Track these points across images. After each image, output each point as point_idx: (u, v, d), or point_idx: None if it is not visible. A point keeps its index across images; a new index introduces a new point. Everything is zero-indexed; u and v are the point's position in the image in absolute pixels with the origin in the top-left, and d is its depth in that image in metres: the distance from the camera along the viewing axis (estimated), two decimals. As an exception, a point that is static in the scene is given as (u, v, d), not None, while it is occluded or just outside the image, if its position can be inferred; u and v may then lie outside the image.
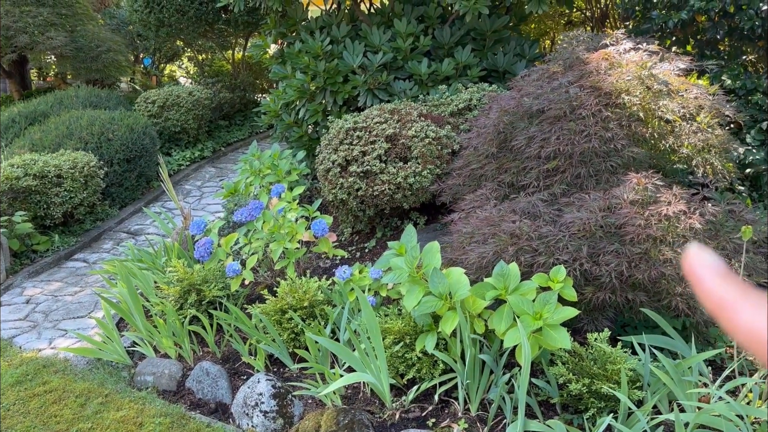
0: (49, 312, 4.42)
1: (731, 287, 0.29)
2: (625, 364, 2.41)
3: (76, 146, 6.12)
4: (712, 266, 0.31)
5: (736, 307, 0.29)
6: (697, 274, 0.31)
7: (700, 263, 0.31)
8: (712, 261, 0.31)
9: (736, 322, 0.29)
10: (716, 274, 0.30)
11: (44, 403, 3.20)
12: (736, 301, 0.29)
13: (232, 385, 3.21)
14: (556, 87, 3.32)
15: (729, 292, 0.29)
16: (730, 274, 0.30)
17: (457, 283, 2.62)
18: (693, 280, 0.31)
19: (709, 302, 0.30)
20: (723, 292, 0.29)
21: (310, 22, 5.70)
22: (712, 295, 0.30)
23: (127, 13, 9.80)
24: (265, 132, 9.62)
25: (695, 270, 0.31)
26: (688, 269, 0.31)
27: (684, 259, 0.32)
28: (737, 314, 0.29)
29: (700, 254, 0.31)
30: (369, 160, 4.12)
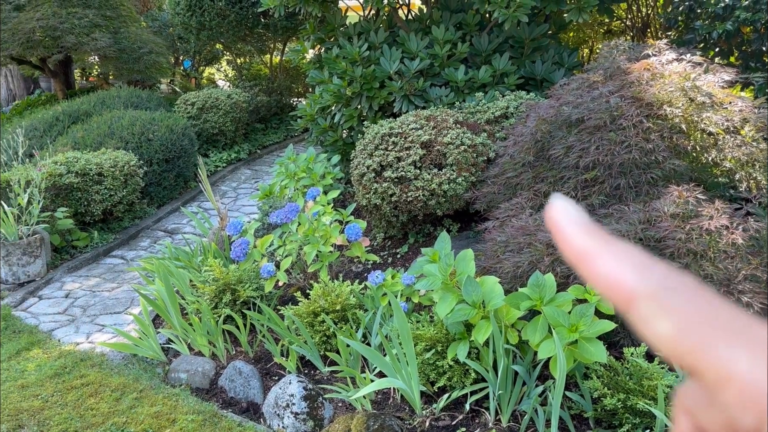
0: (87, 307, 4.52)
1: (592, 238, 0.29)
2: (662, 380, 2.37)
3: (117, 145, 6.27)
4: (575, 218, 0.30)
5: (597, 256, 0.29)
6: (558, 225, 0.30)
7: (563, 215, 0.31)
8: (574, 213, 0.31)
9: (596, 270, 0.28)
10: (578, 225, 0.30)
11: (81, 395, 3.28)
12: (596, 250, 0.29)
13: (263, 385, 3.24)
14: (597, 96, 3.28)
15: (590, 242, 0.29)
16: (592, 226, 0.30)
17: (491, 292, 2.61)
18: (554, 231, 0.31)
19: (569, 252, 0.30)
20: (584, 242, 0.29)
21: (348, 27, 5.74)
22: (573, 245, 0.30)
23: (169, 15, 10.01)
24: (300, 135, 9.71)
25: (557, 221, 0.31)
26: (549, 220, 0.31)
27: (546, 212, 0.32)
28: (597, 262, 0.28)
29: (563, 206, 0.31)
30: (404, 166, 4.13)
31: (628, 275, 0.27)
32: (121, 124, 6.63)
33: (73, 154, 5.68)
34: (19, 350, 3.84)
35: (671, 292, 0.26)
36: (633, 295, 0.27)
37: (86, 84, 12.05)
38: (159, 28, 10.79)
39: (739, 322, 0.25)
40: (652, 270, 0.27)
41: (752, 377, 0.23)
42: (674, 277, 0.27)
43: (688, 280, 0.27)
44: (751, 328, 0.25)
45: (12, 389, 3.37)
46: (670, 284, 0.27)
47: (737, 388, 0.24)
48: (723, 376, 0.24)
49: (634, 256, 0.28)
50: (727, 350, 0.24)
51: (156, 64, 9.45)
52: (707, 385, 0.25)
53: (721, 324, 0.25)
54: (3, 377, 3.51)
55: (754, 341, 0.24)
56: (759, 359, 0.23)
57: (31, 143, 6.72)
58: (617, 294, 0.28)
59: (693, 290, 0.27)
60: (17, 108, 10.38)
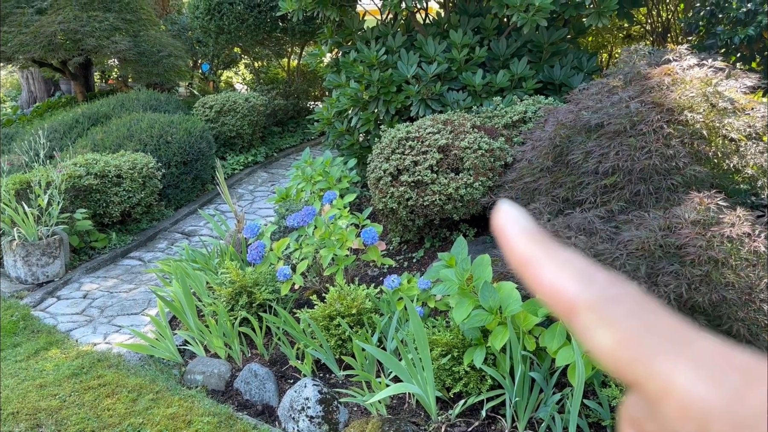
0: (105, 307, 4.56)
1: (537, 245, 0.29)
2: (681, 389, 2.33)
3: (135, 147, 6.32)
4: (521, 224, 0.30)
5: (540, 264, 0.28)
6: (504, 231, 0.30)
7: (509, 220, 0.30)
8: (520, 219, 0.30)
9: (538, 278, 0.28)
10: (524, 232, 0.30)
11: (98, 396, 3.30)
12: (540, 258, 0.29)
13: (279, 388, 3.25)
14: (616, 101, 3.25)
15: (534, 250, 0.29)
16: (539, 233, 0.30)
17: (508, 298, 2.59)
18: (500, 237, 0.30)
19: (514, 258, 0.30)
20: (528, 249, 0.29)
21: (365, 31, 5.75)
22: (517, 252, 0.29)
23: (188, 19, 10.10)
24: (316, 139, 9.73)
25: (503, 227, 0.30)
26: (496, 226, 0.31)
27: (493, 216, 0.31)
28: (539, 270, 0.28)
29: (510, 211, 0.31)
30: (420, 170, 4.12)
31: (570, 284, 0.27)
32: (140, 126, 6.69)
33: (92, 156, 5.74)
34: (38, 350, 3.88)
35: (612, 303, 0.26)
36: (574, 304, 0.27)
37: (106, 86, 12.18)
38: (178, 32, 10.88)
39: (682, 335, 0.25)
40: (594, 279, 0.27)
41: (692, 390, 0.23)
42: (617, 287, 0.27)
43: (631, 290, 0.27)
44: (693, 341, 0.25)
45: (30, 388, 3.40)
46: (611, 294, 0.27)
47: (677, 401, 0.23)
48: (663, 389, 0.24)
49: (577, 264, 0.28)
50: (667, 363, 0.24)
51: (175, 67, 9.53)
52: (648, 398, 0.25)
53: (663, 336, 0.25)
54: (22, 376, 3.55)
55: (696, 354, 0.24)
56: (699, 372, 0.23)
57: (52, 145, 6.80)
58: (559, 303, 0.27)
59: (635, 301, 0.26)
60: (38, 110, 10.52)
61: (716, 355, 0.24)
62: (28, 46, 8.17)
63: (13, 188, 5.03)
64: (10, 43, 8.20)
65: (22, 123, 9.68)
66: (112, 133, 6.64)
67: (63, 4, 8.68)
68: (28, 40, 8.17)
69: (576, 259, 0.28)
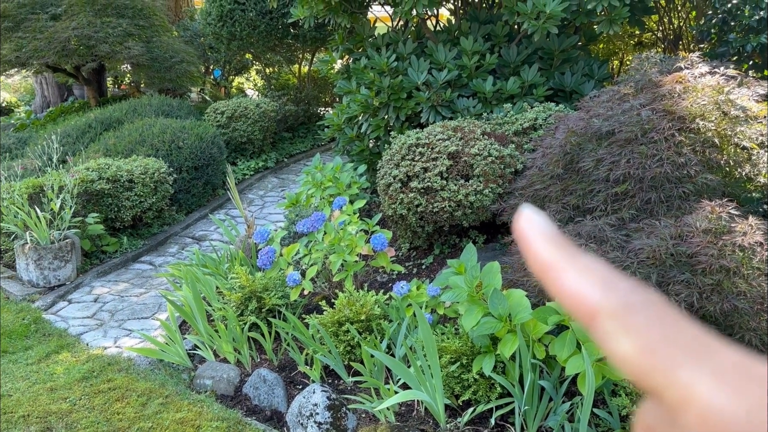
0: (115, 311, 4.58)
1: (559, 251, 0.29)
2: (692, 399, 2.31)
3: (147, 153, 6.37)
4: (542, 229, 0.30)
5: (562, 270, 0.28)
6: (526, 236, 0.30)
7: (531, 225, 0.30)
8: (542, 224, 0.30)
9: (561, 285, 0.28)
10: (545, 237, 0.30)
11: (108, 400, 3.32)
12: (562, 264, 0.28)
13: (287, 394, 3.25)
14: (627, 109, 3.24)
15: (556, 256, 0.29)
16: (560, 238, 0.30)
17: (518, 306, 2.58)
18: (522, 243, 0.30)
19: (536, 265, 0.29)
20: (550, 255, 0.29)
21: (376, 38, 5.77)
22: (539, 257, 0.29)
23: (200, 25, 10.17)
24: (326, 145, 9.76)
25: (525, 231, 0.30)
26: (517, 231, 0.31)
27: (515, 222, 0.31)
28: (561, 276, 0.28)
29: (532, 216, 0.31)
30: (430, 177, 4.12)
31: (592, 291, 0.27)
32: (152, 131, 6.74)
33: (104, 161, 5.79)
34: (49, 353, 3.91)
35: (634, 310, 0.26)
36: (596, 311, 0.27)
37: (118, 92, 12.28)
38: (190, 38, 10.97)
39: (705, 345, 0.25)
40: (616, 286, 0.27)
41: (713, 400, 0.23)
42: (639, 294, 0.27)
43: (654, 298, 0.27)
44: (715, 351, 0.24)
45: (41, 391, 3.42)
46: (633, 302, 0.26)
47: (697, 410, 0.23)
48: (683, 398, 0.24)
49: (600, 271, 0.28)
50: (689, 372, 0.24)
51: (187, 73, 9.60)
52: (668, 406, 0.25)
53: (685, 345, 0.25)
54: (33, 379, 3.57)
55: (718, 364, 0.24)
56: (721, 383, 0.23)
57: (65, 149, 6.86)
58: (580, 309, 0.27)
59: (658, 309, 0.26)
60: (51, 114, 10.62)
61: (738, 366, 0.24)
62: (43, 52, 8.26)
63: (27, 192, 5.07)
64: (24, 49, 8.29)
65: (36, 127, 9.78)
66: (124, 138, 6.69)
67: (77, 10, 8.77)
68: (42, 45, 8.27)
69: (598, 265, 0.28)
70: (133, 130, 6.88)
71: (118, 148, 6.49)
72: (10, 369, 3.72)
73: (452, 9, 6.12)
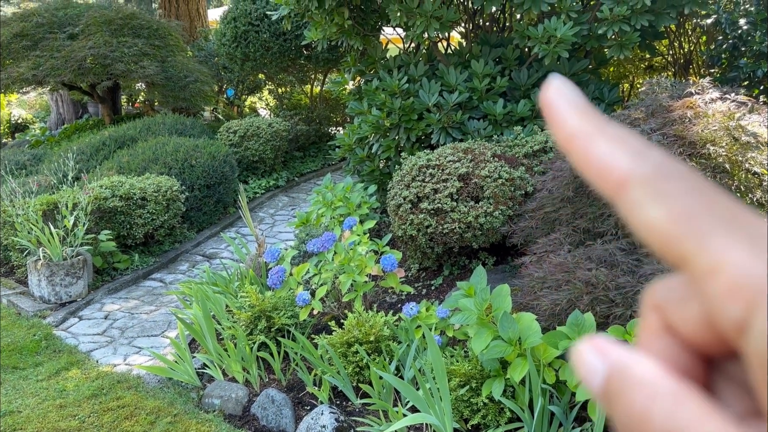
0: (125, 328, 4.61)
1: (588, 120, 0.27)
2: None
3: (160, 171, 6.43)
4: (571, 99, 0.28)
5: (590, 139, 0.27)
6: (552, 105, 0.28)
7: (558, 94, 0.28)
8: (571, 94, 0.28)
9: (588, 153, 0.26)
10: (573, 106, 0.28)
11: (117, 417, 3.32)
12: (591, 133, 0.27)
13: (295, 415, 3.24)
14: (638, 134, 3.25)
15: (584, 124, 0.27)
16: (589, 107, 0.28)
17: (528, 329, 2.58)
18: (547, 111, 0.29)
19: (561, 133, 0.28)
20: (578, 123, 0.27)
21: (388, 60, 5.83)
22: (565, 126, 0.27)
23: (214, 46, 10.31)
24: (337, 164, 9.81)
25: (551, 100, 0.28)
26: (544, 100, 0.29)
27: (542, 92, 0.29)
28: (589, 145, 0.26)
29: (560, 86, 0.29)
30: (440, 198, 4.14)
31: (622, 158, 0.26)
32: (165, 150, 6.81)
33: (118, 179, 5.85)
34: (59, 370, 3.93)
35: (668, 177, 0.25)
36: (626, 178, 0.25)
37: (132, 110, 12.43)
38: (205, 58, 11.11)
39: (739, 214, 0.24)
40: (648, 155, 0.26)
41: (745, 267, 0.22)
42: (672, 164, 0.26)
43: (686, 168, 0.25)
44: (751, 222, 0.23)
45: (50, 408, 3.43)
46: (668, 169, 0.25)
47: (728, 277, 0.22)
48: (714, 265, 0.22)
49: (630, 140, 0.26)
50: (722, 239, 0.23)
51: (201, 92, 9.71)
52: (693, 275, 0.23)
53: (719, 213, 0.23)
54: (42, 396, 3.59)
55: (752, 233, 0.23)
56: (754, 250, 0.22)
57: (79, 166, 6.94)
58: (609, 178, 0.26)
59: (691, 179, 0.25)
60: (66, 131, 10.75)
61: None
62: (59, 70, 8.40)
63: (41, 209, 5.13)
64: (41, 67, 8.43)
65: (51, 144, 9.90)
66: (137, 156, 6.76)
67: (94, 30, 8.92)
68: (59, 64, 8.40)
69: (628, 134, 0.27)
70: (147, 148, 6.96)
71: (131, 165, 6.56)
72: (21, 385, 3.74)
73: (463, 32, 6.18)
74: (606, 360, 0.25)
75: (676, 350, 0.26)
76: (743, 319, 0.22)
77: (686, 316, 0.25)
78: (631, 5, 4.31)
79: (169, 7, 12.38)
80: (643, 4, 4.25)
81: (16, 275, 5.66)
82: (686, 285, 0.25)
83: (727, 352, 0.25)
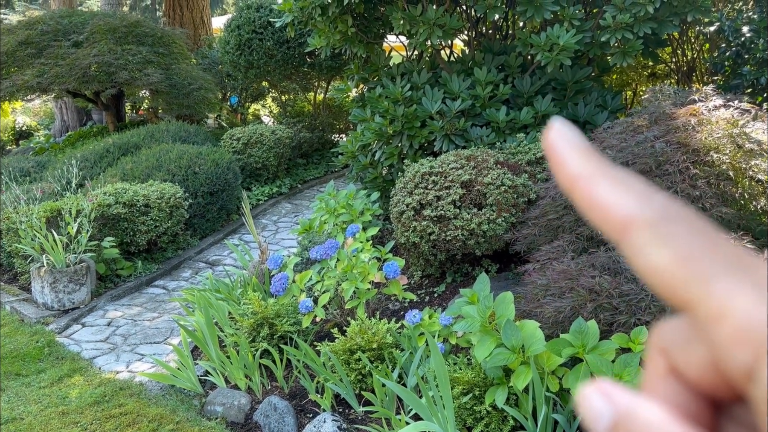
0: (128, 335, 4.60)
1: (591, 162, 0.28)
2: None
3: (164, 177, 6.44)
4: (573, 141, 0.28)
5: (593, 181, 0.27)
6: (555, 147, 0.28)
7: (560, 136, 0.29)
8: (573, 136, 0.29)
9: (592, 197, 0.27)
10: (576, 148, 0.28)
11: (119, 425, 3.31)
12: (594, 175, 0.27)
13: (298, 422, 3.23)
14: (641, 141, 3.25)
15: (587, 167, 0.27)
16: (592, 150, 0.28)
17: (531, 337, 2.57)
18: (550, 153, 0.29)
19: (564, 176, 0.28)
20: (581, 165, 0.27)
21: (391, 68, 5.85)
22: (568, 168, 0.28)
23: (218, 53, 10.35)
24: (339, 171, 9.83)
25: (554, 143, 0.29)
26: (547, 142, 0.29)
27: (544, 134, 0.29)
28: (594, 188, 0.27)
29: (562, 129, 0.29)
30: (443, 205, 4.14)
31: (626, 201, 0.26)
32: (169, 157, 6.83)
33: (121, 185, 5.87)
34: (61, 377, 3.92)
35: (673, 221, 0.25)
36: (630, 222, 0.25)
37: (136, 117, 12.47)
38: (208, 65, 11.16)
39: (744, 259, 0.23)
40: (652, 197, 0.26)
41: (752, 313, 0.22)
42: (676, 207, 0.26)
43: (691, 211, 0.26)
44: (757, 267, 0.23)
45: (53, 415, 3.43)
46: (672, 213, 0.25)
47: (733, 323, 0.22)
48: (720, 310, 0.22)
49: (634, 183, 0.27)
50: (727, 284, 0.23)
51: (205, 99, 9.75)
52: (699, 319, 0.23)
53: (724, 257, 0.23)
54: (45, 403, 3.58)
55: (758, 279, 0.23)
56: (760, 295, 0.22)
57: (83, 173, 6.96)
58: (612, 220, 0.26)
59: (695, 223, 0.25)
60: (70, 139, 10.79)
61: None
62: (64, 78, 8.44)
63: (45, 216, 5.15)
64: (46, 75, 8.47)
65: (55, 151, 9.93)
66: (141, 163, 6.78)
67: (99, 38, 8.97)
68: (63, 72, 8.44)
69: (631, 178, 0.27)
70: (151, 155, 6.98)
71: (135, 172, 6.58)
72: (23, 392, 3.73)
73: (466, 40, 6.20)
74: (612, 404, 0.25)
75: (683, 393, 0.26)
76: (750, 365, 0.22)
77: (692, 360, 0.25)
78: (633, 13, 4.32)
79: (173, 15, 12.45)
80: (645, 12, 4.26)
81: (19, 282, 5.67)
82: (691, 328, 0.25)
83: (734, 395, 0.24)
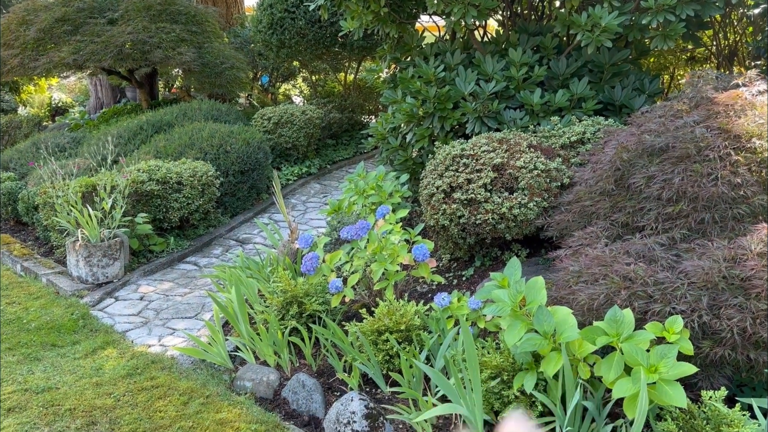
0: (160, 310, 4.68)
1: None
2: (743, 427, 2.24)
3: (196, 156, 6.51)
4: None
5: None
6: None
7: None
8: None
9: None
10: None
11: (151, 397, 3.38)
12: None
13: (325, 400, 3.26)
14: (681, 126, 3.17)
15: None
16: None
17: (563, 323, 2.54)
18: None
19: None
20: None
21: (424, 48, 5.78)
22: None
23: (250, 32, 10.36)
24: (369, 152, 9.81)
25: None
26: None
27: None
28: None
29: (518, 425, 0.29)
30: (474, 188, 4.10)
31: None
32: (201, 135, 6.89)
33: (155, 163, 5.94)
34: (95, 348, 4.02)
35: None
36: None
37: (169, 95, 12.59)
38: (240, 44, 11.17)
39: None
40: None
41: None
42: None
43: None
44: None
45: (87, 386, 3.51)
46: None
47: None
48: None
49: None
50: None
51: (237, 78, 9.78)
52: None
53: None
54: (79, 374, 3.67)
55: None
56: None
57: (117, 150, 7.06)
58: None
59: None
60: (104, 116, 10.94)
61: None
62: (99, 55, 8.52)
63: (80, 191, 5.24)
64: (82, 52, 8.57)
65: (89, 127, 10.09)
66: (174, 141, 6.85)
67: (133, 15, 9.04)
68: (99, 49, 8.53)
69: None
70: (183, 133, 7.04)
71: (168, 150, 6.65)
72: (59, 362, 3.83)
73: (501, 20, 6.09)
74: None
75: None
76: None
77: None
78: (676, -6, 4.18)
79: (206, -7, 12.46)
80: (689, -7, 4.12)
81: (55, 255, 5.80)
82: None
83: None
